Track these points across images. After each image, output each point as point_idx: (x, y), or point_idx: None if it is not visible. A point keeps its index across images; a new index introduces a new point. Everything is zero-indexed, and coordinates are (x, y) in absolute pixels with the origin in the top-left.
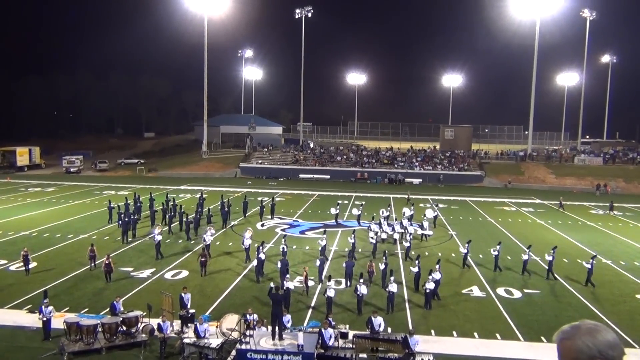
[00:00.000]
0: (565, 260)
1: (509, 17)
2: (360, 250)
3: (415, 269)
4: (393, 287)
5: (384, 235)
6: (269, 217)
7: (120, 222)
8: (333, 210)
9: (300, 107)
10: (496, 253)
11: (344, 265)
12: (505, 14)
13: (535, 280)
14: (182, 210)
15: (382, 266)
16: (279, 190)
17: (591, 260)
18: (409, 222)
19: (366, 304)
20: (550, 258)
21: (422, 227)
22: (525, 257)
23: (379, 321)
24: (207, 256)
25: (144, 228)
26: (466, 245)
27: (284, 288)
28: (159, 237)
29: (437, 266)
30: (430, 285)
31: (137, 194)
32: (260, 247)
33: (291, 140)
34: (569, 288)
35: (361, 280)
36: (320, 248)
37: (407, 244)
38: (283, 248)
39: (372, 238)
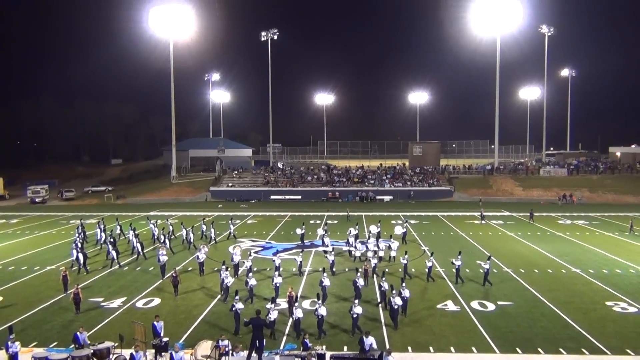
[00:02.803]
0: (536, 271)
1: (470, 35)
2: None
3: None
4: (358, 309)
5: (357, 254)
6: (231, 239)
7: (76, 255)
8: (299, 231)
9: (269, 129)
10: (487, 267)
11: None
12: (467, 32)
13: (508, 292)
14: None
15: (362, 282)
16: (250, 212)
17: (487, 262)
18: (376, 240)
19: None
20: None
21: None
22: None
23: (370, 341)
24: (178, 276)
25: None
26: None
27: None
28: (164, 258)
29: (403, 284)
30: (398, 301)
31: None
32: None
33: (261, 162)
34: (541, 299)
35: (356, 302)
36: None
37: (375, 261)
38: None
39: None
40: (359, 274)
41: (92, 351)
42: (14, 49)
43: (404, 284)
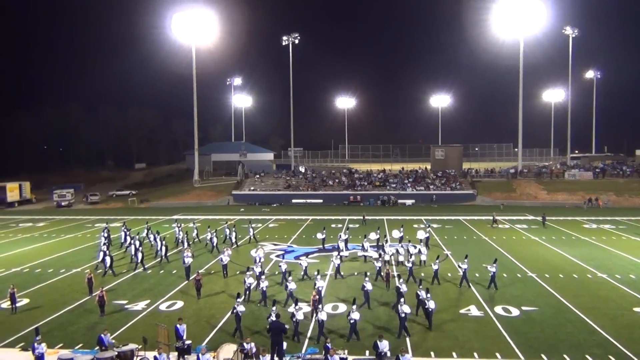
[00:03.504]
0: (561, 275)
1: (493, 37)
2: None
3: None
4: (355, 315)
5: (386, 257)
6: (252, 242)
7: (102, 257)
8: (319, 236)
9: (290, 133)
10: (494, 270)
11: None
12: (489, 34)
13: (533, 297)
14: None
15: (404, 287)
16: (272, 216)
17: (494, 265)
18: (400, 244)
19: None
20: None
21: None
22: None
23: (384, 345)
24: (201, 279)
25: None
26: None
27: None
28: (189, 260)
29: (429, 295)
30: (406, 309)
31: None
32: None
33: (283, 165)
34: (566, 304)
35: (354, 307)
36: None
37: (409, 265)
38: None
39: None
40: (401, 280)
41: (116, 353)
42: (40, 57)
43: (429, 295)
